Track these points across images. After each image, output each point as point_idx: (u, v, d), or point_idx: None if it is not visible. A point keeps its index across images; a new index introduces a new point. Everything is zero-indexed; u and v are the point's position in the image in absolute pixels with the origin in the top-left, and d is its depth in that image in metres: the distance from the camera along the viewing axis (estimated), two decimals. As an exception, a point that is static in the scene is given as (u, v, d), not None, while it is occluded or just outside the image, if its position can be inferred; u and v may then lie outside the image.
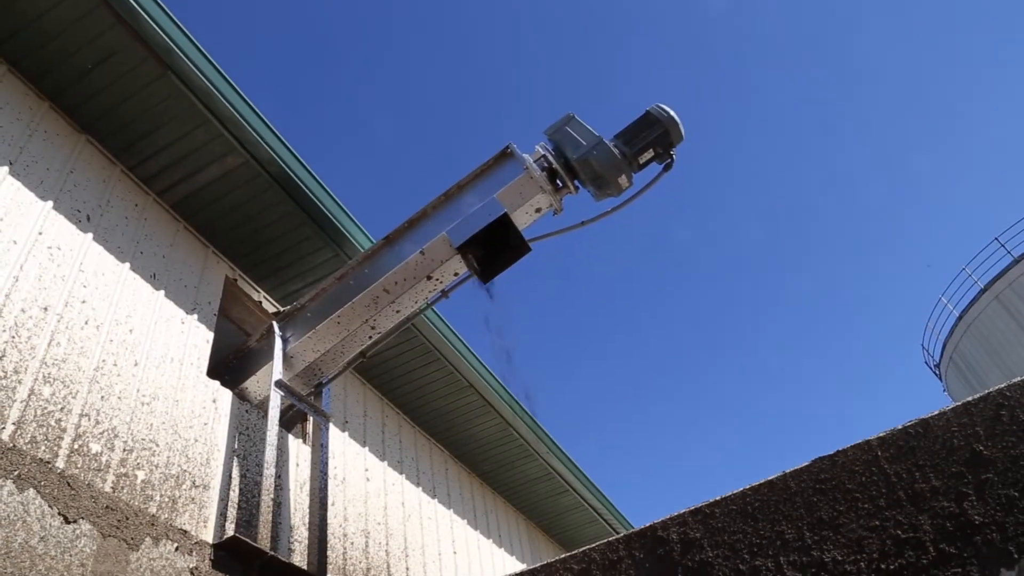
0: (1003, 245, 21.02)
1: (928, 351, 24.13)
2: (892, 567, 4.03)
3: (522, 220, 5.08)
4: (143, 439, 4.32)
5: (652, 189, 5.16)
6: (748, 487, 4.53)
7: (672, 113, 5.02)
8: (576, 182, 5.11)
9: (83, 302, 4.38)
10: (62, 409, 3.88)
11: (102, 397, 4.19)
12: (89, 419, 4.02)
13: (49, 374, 3.91)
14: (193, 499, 4.45)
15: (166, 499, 4.25)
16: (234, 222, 5.78)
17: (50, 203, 4.48)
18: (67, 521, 3.47)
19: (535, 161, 5.06)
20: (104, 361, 4.33)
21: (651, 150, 5.00)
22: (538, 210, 5.12)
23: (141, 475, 4.17)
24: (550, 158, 5.06)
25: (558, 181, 5.11)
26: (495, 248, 4.93)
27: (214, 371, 5.44)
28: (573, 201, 5.26)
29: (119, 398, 4.30)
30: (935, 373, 24.29)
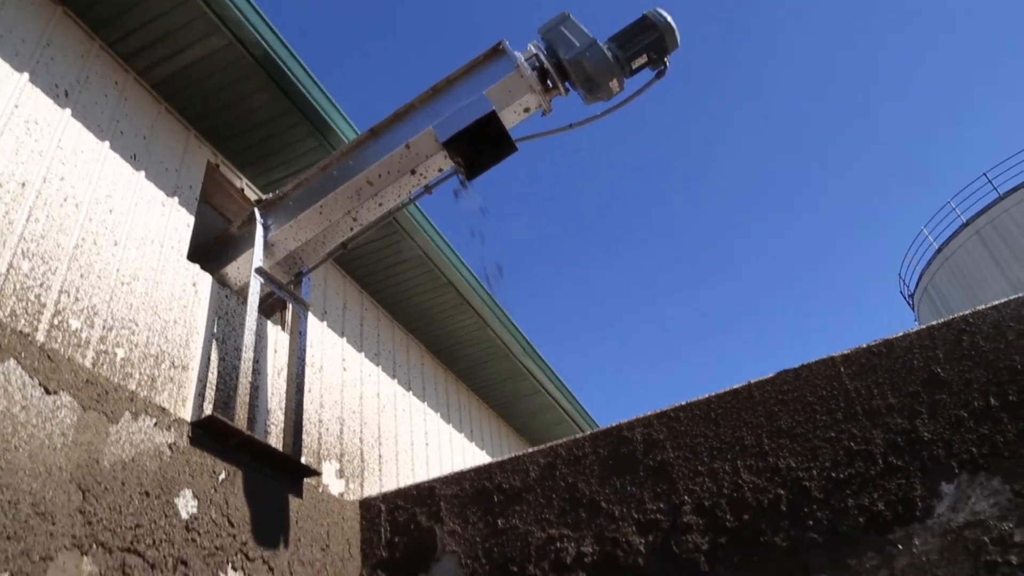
0: (990, 181, 21.04)
1: (904, 281, 24.50)
2: (842, 476, 4.23)
3: (510, 119, 5.02)
4: (123, 318, 4.36)
5: (643, 96, 5.11)
6: (713, 394, 4.68)
7: (669, 19, 4.91)
8: (567, 84, 5.04)
9: (62, 179, 4.33)
10: (41, 285, 3.89)
11: (82, 275, 4.20)
12: (69, 296, 4.05)
13: (28, 249, 3.90)
14: (172, 379, 4.53)
15: (145, 377, 4.33)
16: (217, 106, 5.66)
17: (26, 75, 4.36)
18: (48, 392, 3.55)
19: (527, 60, 4.97)
20: (83, 239, 4.31)
21: (645, 55, 4.91)
22: (527, 110, 5.06)
23: (121, 353, 4.23)
24: (542, 57, 4.97)
25: (548, 82, 5.03)
26: (481, 145, 4.89)
27: (195, 256, 5.44)
28: (562, 103, 5.20)
29: (99, 277, 4.31)
30: (908, 303, 24.74)
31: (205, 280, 5.22)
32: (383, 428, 6.96)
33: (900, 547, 3.94)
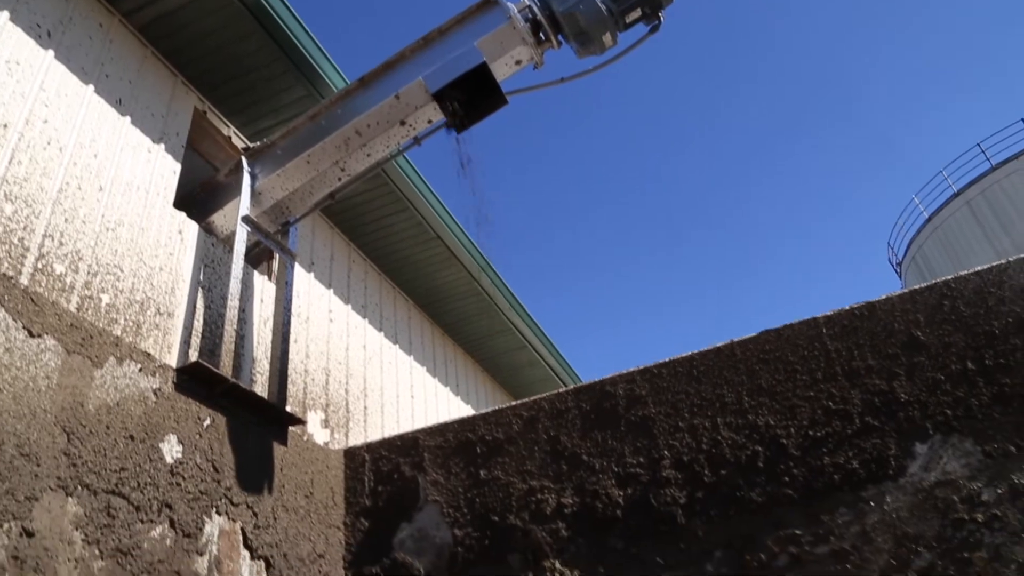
0: (984, 152, 21.00)
1: (893, 249, 24.58)
2: (818, 434, 4.30)
3: (501, 71, 4.97)
4: (108, 264, 4.35)
5: (636, 51, 5.05)
6: (696, 352, 4.73)
7: (664, -27, 4.84)
8: (559, 37, 4.98)
9: (45, 122, 4.27)
10: (25, 228, 3.87)
11: (66, 219, 4.17)
12: (53, 240, 4.02)
13: (11, 192, 3.86)
14: (157, 325, 4.54)
15: (130, 323, 4.33)
16: (204, 51, 5.57)
17: (6, 14, 4.26)
18: (32, 335, 3.54)
19: (519, 11, 4.90)
20: (68, 184, 4.27)
21: (639, 10, 4.85)
22: (518, 62, 5.00)
23: (106, 298, 4.23)
24: (535, 9, 4.90)
25: (541, 34, 4.97)
26: (471, 97, 4.85)
27: (181, 203, 5.40)
28: (555, 57, 5.14)
29: (83, 222, 4.28)
30: (896, 272, 24.87)
31: (191, 228, 5.19)
32: (369, 380, 7.01)
33: (872, 504, 4.03)
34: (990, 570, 3.70)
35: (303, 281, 6.39)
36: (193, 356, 4.68)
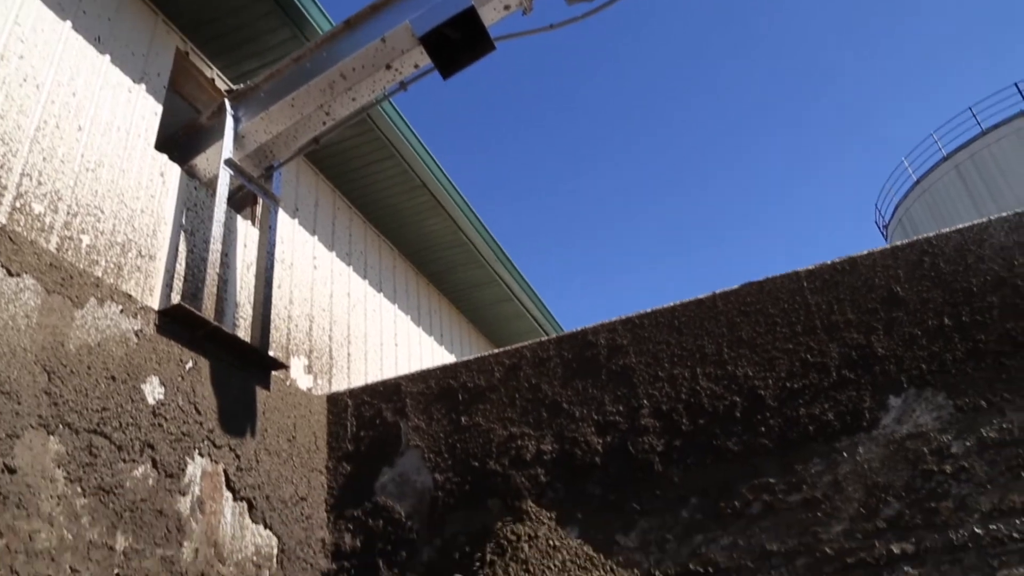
0: (975, 116, 20.87)
1: (880, 212, 24.57)
2: (796, 386, 4.36)
3: (489, 16, 4.88)
4: (88, 205, 4.30)
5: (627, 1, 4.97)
6: (678, 302, 4.76)
7: (658, -84, 4.74)
8: (549, -18, 4.89)
9: (20, 58, 4.17)
10: (1, 166, 3.81)
11: (44, 159, 4.10)
12: (31, 179, 3.96)
13: (-14, 127, 3.79)
14: (139, 268, 4.51)
15: (112, 265, 4.30)
16: (185, -12, 5.43)
17: (-21, -58, 4.14)
18: (10, 274, 3.52)
19: (509, -46, 4.79)
20: (45, 123, 4.20)
21: (630, -45, 4.76)
22: (507, 7, 4.91)
23: (86, 240, 4.19)
24: (524, -48, 4.80)
25: (530, -21, 4.88)
26: (459, 42, 4.77)
27: (163, 146, 5.32)
28: (544, 3, 5.05)
29: (62, 161, 4.22)
30: (882, 233, 24.91)
31: (173, 170, 5.13)
32: (353, 327, 7.02)
33: (845, 455, 4.12)
34: (955, 519, 3.81)
35: (287, 227, 6.35)
36: (175, 299, 4.66)
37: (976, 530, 3.76)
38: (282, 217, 6.27)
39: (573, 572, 2.92)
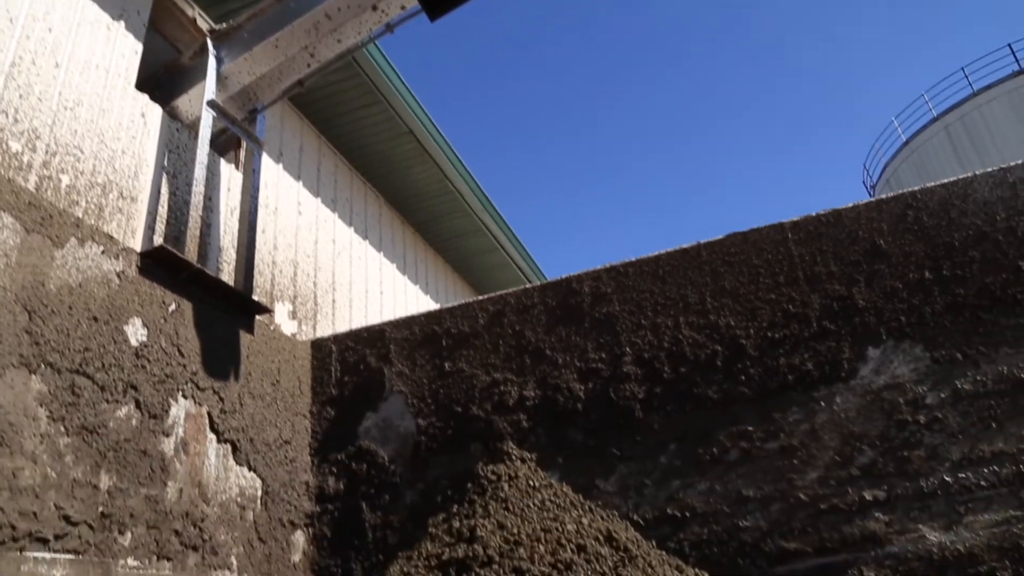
0: (967, 76, 20.72)
1: (868, 171, 24.51)
2: (776, 336, 4.41)
3: (478, -43, 4.78)
4: (67, 144, 4.22)
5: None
6: (663, 251, 4.77)
7: None
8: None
9: (-7, -12, 4.05)
10: (-24, 102, 3.73)
11: (20, 96, 4.01)
12: (7, 116, 3.88)
13: (-40, 61, 3.70)
14: (120, 209, 4.46)
15: (92, 206, 4.25)
16: (165, -80, 5.27)
17: None
18: (-12, 211, 3.47)
19: None
20: (21, 58, 4.10)
21: None
22: (496, -51, 4.81)
23: (66, 179, 4.13)
24: None
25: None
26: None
27: (143, 86, 5.21)
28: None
29: (39, 99, 4.13)
30: (870, 194, 24.91)
31: (154, 111, 5.04)
32: (337, 274, 7.00)
33: (823, 404, 4.18)
34: (926, 468, 3.89)
35: (271, 172, 6.28)
36: (158, 241, 4.62)
37: (946, 478, 3.85)
38: (266, 162, 6.20)
39: (552, 512, 2.98)
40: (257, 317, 5.23)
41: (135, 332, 4.13)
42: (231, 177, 5.67)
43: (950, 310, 4.15)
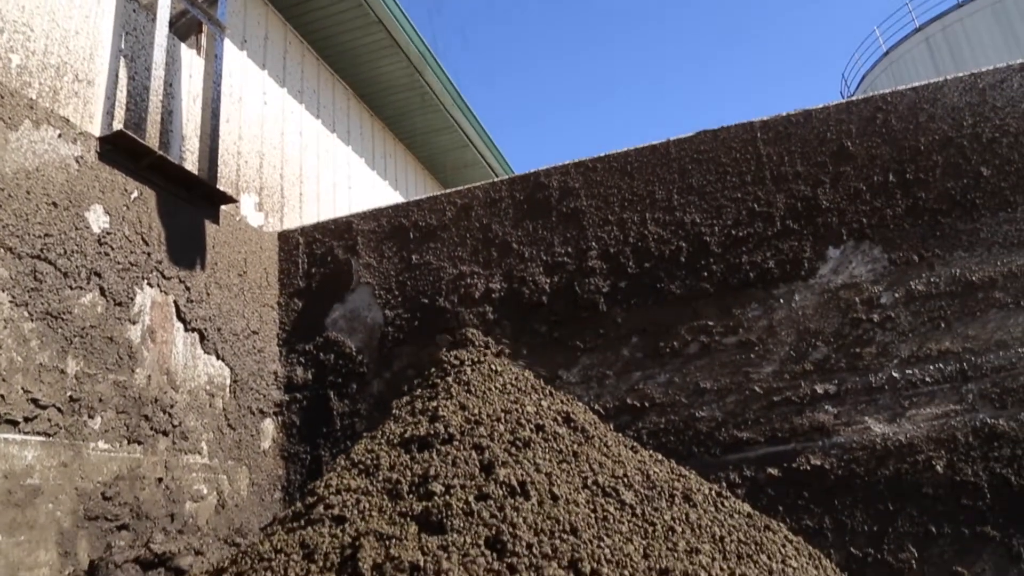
0: (954, -16, 20.23)
1: (847, 82, 24.17)
2: (740, 234, 4.47)
3: None
4: (15, 22, 4.03)
5: None
6: (632, 148, 4.76)
7: None
8: None
9: None
10: (-83, -31, 3.53)
11: (-37, -33, 3.81)
12: (-49, -13, 3.69)
13: None
14: (76, 93, 4.31)
15: (46, 88, 4.10)
16: None
17: None
18: (-64, 88, 3.34)
19: None
20: (-38, -76, 3.86)
21: None
22: None
23: (16, 59, 3.96)
24: None
25: None
26: None
27: (95, -40, 4.95)
28: None
29: (-16, -30, 3.92)
30: (845, 105, 24.43)
31: (108, -12, 4.80)
32: (305, 167, 6.90)
33: (782, 301, 4.29)
34: (875, 364, 4.05)
35: (235, 59, 6.07)
36: (117, 127, 4.50)
37: (894, 374, 4.01)
38: (230, 48, 5.98)
39: (513, 395, 3.07)
40: (223, 208, 5.16)
41: (97, 219, 4.07)
42: (193, 63, 5.48)
43: (910, 213, 4.22)
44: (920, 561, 3.72)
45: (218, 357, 4.83)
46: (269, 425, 5.19)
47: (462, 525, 2.15)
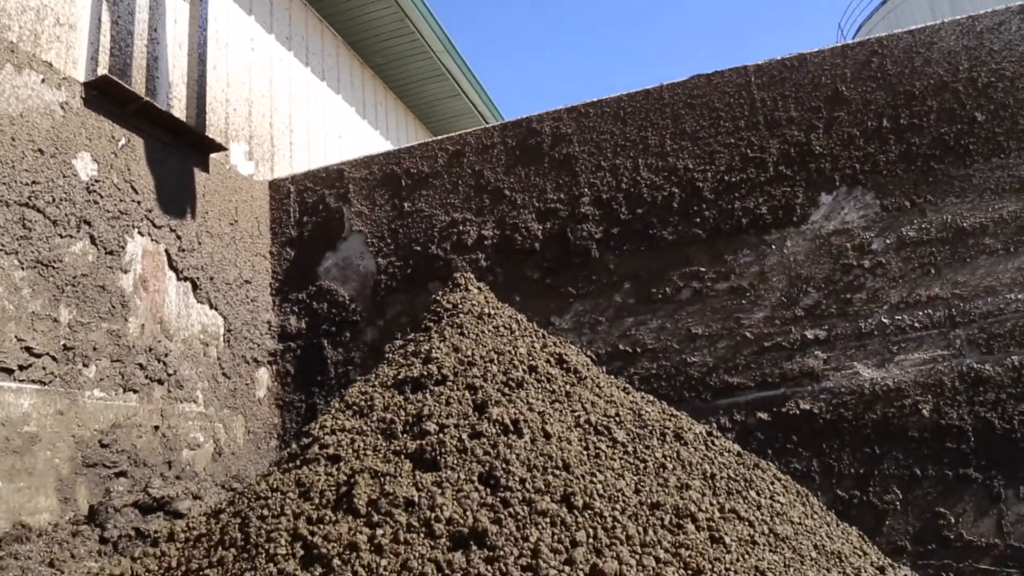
0: (961, -73, 19.75)
1: (843, 32, 23.75)
2: (734, 180, 4.46)
3: None
4: (-6, -39, 3.93)
5: None
6: (625, 93, 4.72)
7: None
8: None
9: None
10: None
11: (-62, -98, 3.69)
12: (-74, -75, 3.59)
13: None
14: (58, 37, 4.22)
15: (27, 31, 4.01)
16: None
17: None
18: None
19: None
20: None
21: None
22: None
23: (-4, 1, 3.88)
24: None
25: None
26: None
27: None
28: None
29: (-41, -92, 3.81)
30: (842, 57, 24.02)
31: (88, -72, 4.68)
32: (295, 116, 6.81)
33: (773, 247, 4.30)
34: (865, 310, 4.08)
35: (221, 4, 5.95)
36: (102, 72, 4.42)
37: (883, 320, 4.04)
38: (214, -8, 5.85)
39: (506, 337, 3.09)
40: (212, 156, 5.11)
41: (84, 166, 4.03)
42: (177, 7, 5.36)
43: (903, 159, 4.21)
44: (904, 503, 3.80)
45: (211, 306, 4.84)
46: (264, 374, 5.22)
47: (456, 462, 2.19)
